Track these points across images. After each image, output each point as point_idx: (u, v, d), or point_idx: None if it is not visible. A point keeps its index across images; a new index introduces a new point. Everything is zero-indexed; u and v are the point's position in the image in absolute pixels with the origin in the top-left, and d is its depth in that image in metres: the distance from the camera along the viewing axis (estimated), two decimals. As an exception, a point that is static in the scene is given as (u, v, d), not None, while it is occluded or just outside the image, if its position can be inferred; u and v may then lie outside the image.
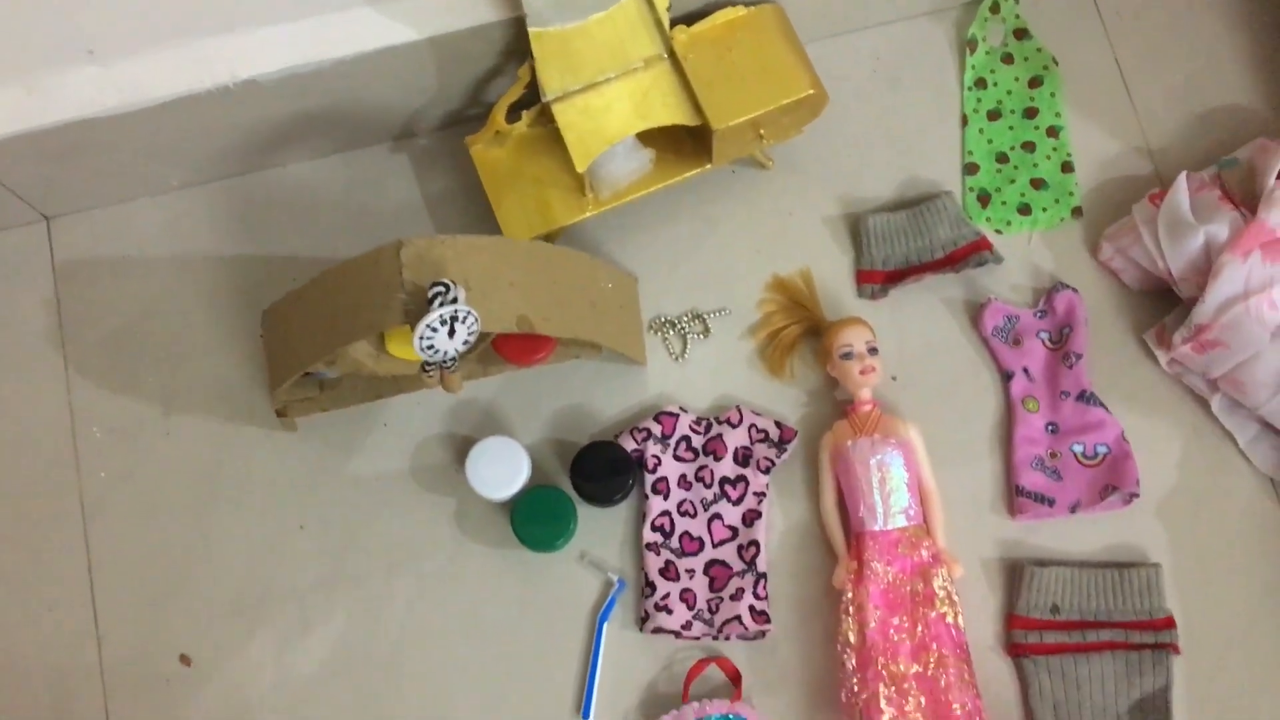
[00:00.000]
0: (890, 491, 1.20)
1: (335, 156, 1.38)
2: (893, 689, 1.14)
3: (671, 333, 1.33)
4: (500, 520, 1.25)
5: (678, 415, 1.28)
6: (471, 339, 1.01)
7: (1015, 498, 1.24)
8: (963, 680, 1.16)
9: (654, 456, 1.27)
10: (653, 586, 1.23)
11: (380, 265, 1.03)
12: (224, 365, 1.32)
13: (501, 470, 1.23)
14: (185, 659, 1.23)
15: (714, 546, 1.25)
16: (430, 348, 1.00)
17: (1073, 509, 1.23)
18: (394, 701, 1.21)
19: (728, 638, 1.22)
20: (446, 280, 0.99)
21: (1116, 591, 1.21)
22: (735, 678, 1.21)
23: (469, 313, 0.99)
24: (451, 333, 1.00)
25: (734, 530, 1.25)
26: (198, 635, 1.24)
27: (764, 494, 1.26)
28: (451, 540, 1.27)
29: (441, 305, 0.98)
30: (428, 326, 0.98)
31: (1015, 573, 1.22)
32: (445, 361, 1.05)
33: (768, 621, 1.20)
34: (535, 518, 1.23)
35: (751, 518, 1.25)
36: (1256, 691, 1.19)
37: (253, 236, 1.36)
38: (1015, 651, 1.20)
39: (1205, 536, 1.24)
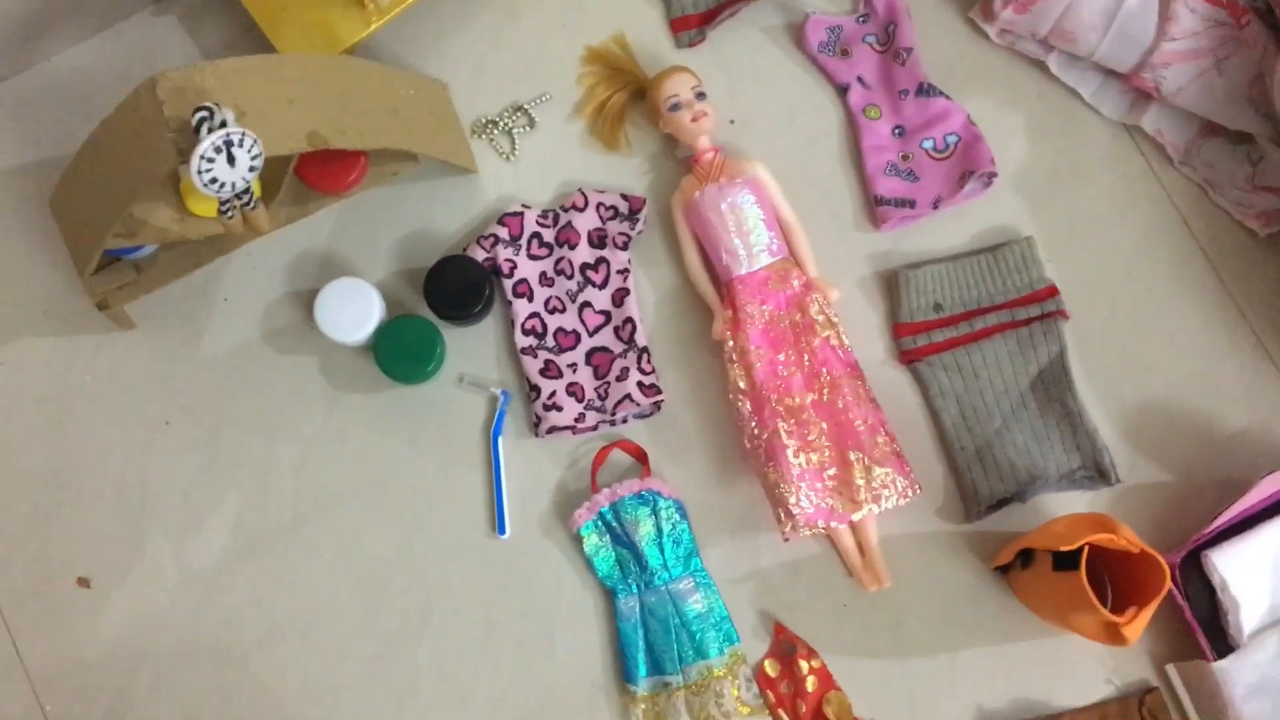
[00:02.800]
0: (748, 232, 1.14)
1: (98, 37, 1.24)
2: (792, 422, 1.09)
3: (496, 132, 1.23)
4: (368, 364, 1.16)
5: (522, 213, 1.20)
6: (256, 164, 0.91)
7: (876, 208, 1.18)
8: (859, 397, 1.12)
9: (507, 260, 1.19)
10: (537, 389, 1.16)
11: (140, 109, 0.92)
12: (40, 280, 1.19)
13: (352, 312, 1.14)
14: (83, 581, 1.16)
15: (590, 335, 1.18)
16: (214, 181, 0.91)
17: (935, 205, 1.17)
18: (307, 567, 1.14)
19: (624, 420, 1.16)
20: (208, 104, 0.89)
21: (994, 274, 1.16)
22: (641, 456, 1.16)
23: (243, 134, 0.89)
24: (231, 160, 0.90)
25: (606, 314, 1.18)
26: (89, 556, 1.15)
27: (627, 270, 1.18)
28: (324, 396, 1.19)
29: (210, 131, 0.88)
30: (201, 158, 0.88)
31: (892, 282, 1.17)
32: (241, 196, 0.96)
33: (659, 393, 1.14)
34: (399, 351, 1.15)
35: (621, 296, 1.18)
36: (1149, 335, 1.15)
37: (36, 139, 1.22)
38: (908, 358, 1.15)
39: (1070, 197, 1.19)
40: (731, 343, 1.12)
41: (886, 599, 1.11)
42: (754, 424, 1.10)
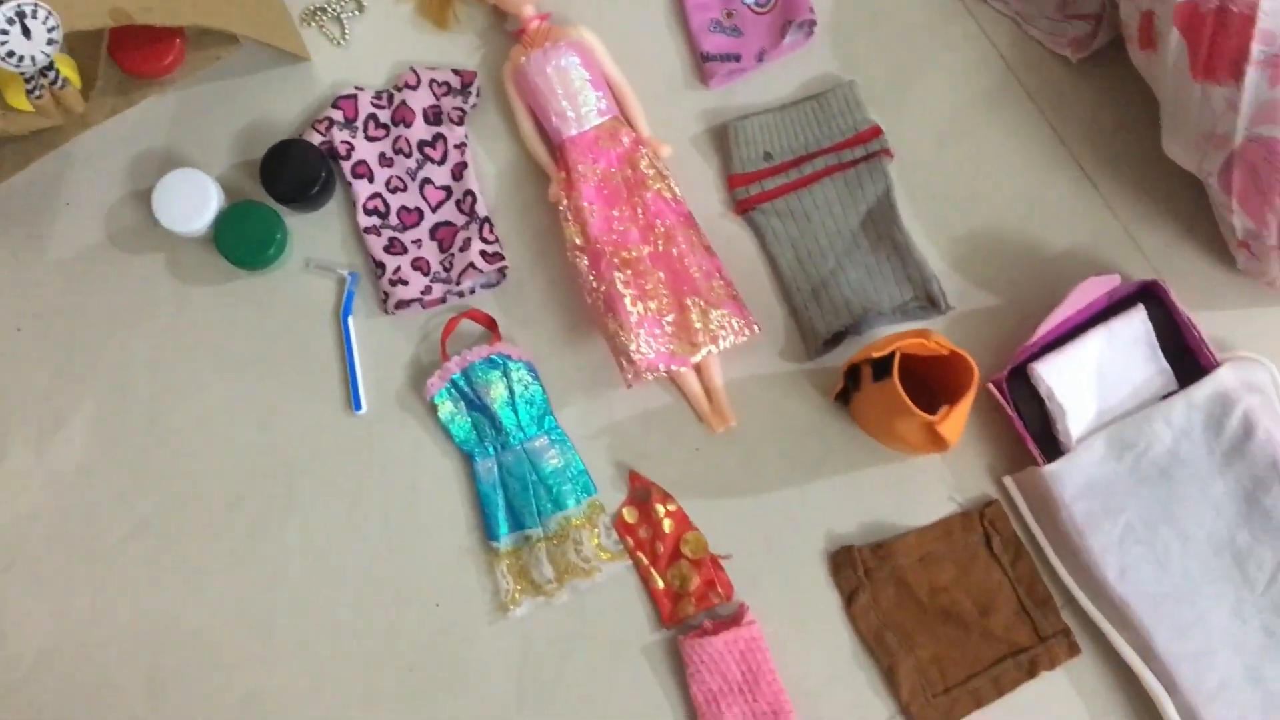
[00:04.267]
0: (575, 94, 1.14)
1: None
2: (628, 273, 1.10)
3: (325, 18, 1.22)
4: (215, 257, 1.15)
5: (356, 95, 1.19)
6: (55, 35, 0.90)
7: (703, 65, 1.19)
8: (693, 245, 1.13)
9: (344, 143, 1.18)
10: (382, 266, 1.16)
11: (-70, -8, 0.92)
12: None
13: (190, 202, 1.13)
14: (-55, 491, 1.17)
15: (433, 211, 1.19)
16: (11, 55, 0.90)
17: (760, 57, 1.18)
18: (169, 460, 1.14)
19: (472, 290, 1.17)
20: (-3, -23, 0.89)
21: (819, 120, 1.18)
22: (490, 324, 1.16)
23: (36, 5, 0.89)
24: (26, 32, 0.89)
25: (447, 189, 1.19)
26: (-50, 467, 1.17)
27: (464, 144, 1.18)
28: (173, 292, 1.18)
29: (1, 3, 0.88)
30: (-9, 30, 0.89)
31: (722, 136, 1.18)
32: (46, 74, 0.95)
33: (502, 260, 1.15)
34: (240, 237, 1.14)
35: (460, 170, 1.18)
36: (973, 167, 1.17)
37: None
38: (742, 208, 1.17)
39: (889, 41, 1.20)
40: (566, 202, 1.13)
41: (736, 440, 1.14)
42: (592, 278, 1.11)
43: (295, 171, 1.15)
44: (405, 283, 1.15)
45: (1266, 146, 0.96)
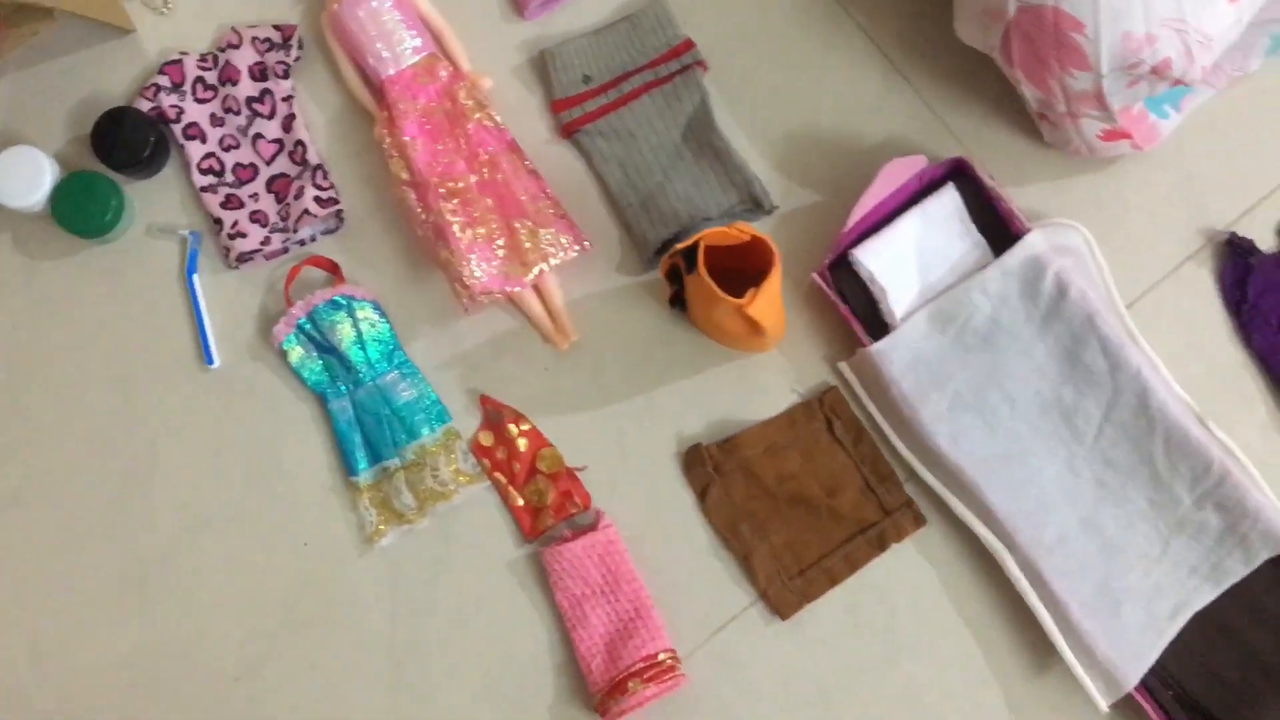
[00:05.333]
0: (389, 34, 1.15)
1: None
2: (455, 202, 1.12)
3: (146, -12, 1.26)
4: (58, 231, 1.17)
5: (181, 60, 1.20)
6: None
7: (517, -3, 1.23)
8: (518, 170, 1.15)
9: (173, 107, 1.19)
10: (220, 222, 1.17)
11: None
12: None
13: (23, 177, 1.14)
14: None
15: (267, 164, 1.19)
16: None
17: (571, -15, 1.22)
18: (32, 431, 1.15)
19: (313, 238, 1.18)
20: None
21: (633, 38, 1.19)
22: (332, 268, 1.18)
23: None
24: None
25: (279, 142, 1.20)
26: None
27: (292, 96, 1.19)
28: (21, 269, 1.18)
29: None
30: None
31: (542, 64, 1.21)
32: None
33: (337, 204, 1.16)
34: (76, 207, 1.14)
35: (289, 122, 1.19)
36: (786, 71, 1.20)
37: None
38: (567, 131, 1.18)
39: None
40: (389, 139, 1.15)
41: (584, 355, 1.16)
42: (420, 210, 1.13)
43: (126, 139, 1.16)
44: (244, 236, 1.16)
45: (1036, 14, 0.99)
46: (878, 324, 1.13)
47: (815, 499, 1.12)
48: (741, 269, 1.05)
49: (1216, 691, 1.04)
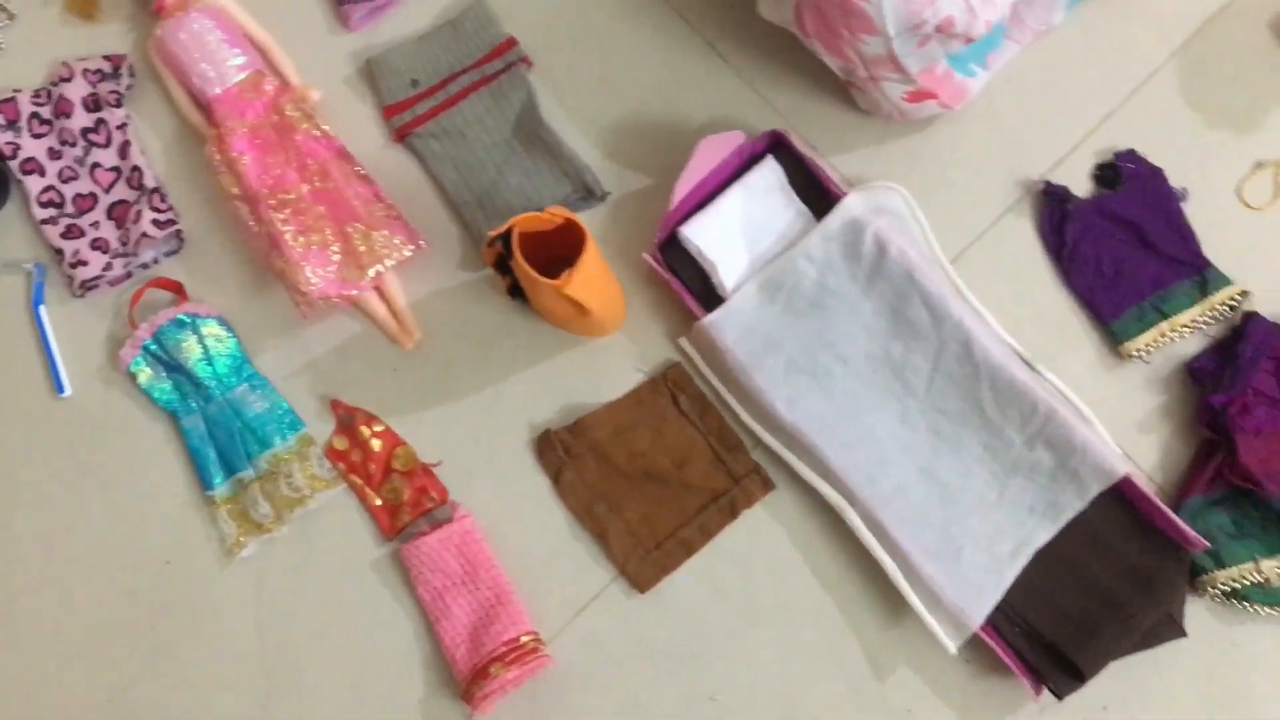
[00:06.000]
0: (212, 54, 1.17)
1: None
2: (287, 212, 1.13)
3: (-27, 30, 1.27)
4: (-98, 274, 1.19)
5: (14, 98, 1.20)
6: None
7: (339, 9, 1.23)
8: (349, 175, 1.16)
9: (9, 144, 1.19)
10: (61, 252, 1.18)
11: None
12: None
13: None
14: None
15: (106, 192, 1.20)
16: None
17: (393, -7, 1.25)
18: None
19: (155, 260, 1.19)
20: None
21: (456, 40, 1.22)
22: (176, 288, 1.18)
23: None
24: None
25: (116, 169, 1.20)
26: None
27: (125, 124, 1.20)
28: None
29: None
30: None
31: (370, 72, 1.24)
32: None
33: (174, 225, 1.17)
34: (-86, 248, 1.18)
35: (125, 149, 1.20)
36: (610, 62, 1.22)
37: None
38: (399, 135, 1.20)
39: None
40: (219, 157, 1.16)
41: (432, 352, 1.18)
42: (253, 223, 1.15)
43: (-39, 178, 1.17)
44: (85, 263, 1.17)
45: (821, -19, 1.02)
46: (713, 298, 1.15)
47: (666, 473, 1.14)
48: (567, 254, 1.07)
49: (1060, 623, 1.07)
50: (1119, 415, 1.13)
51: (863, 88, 1.13)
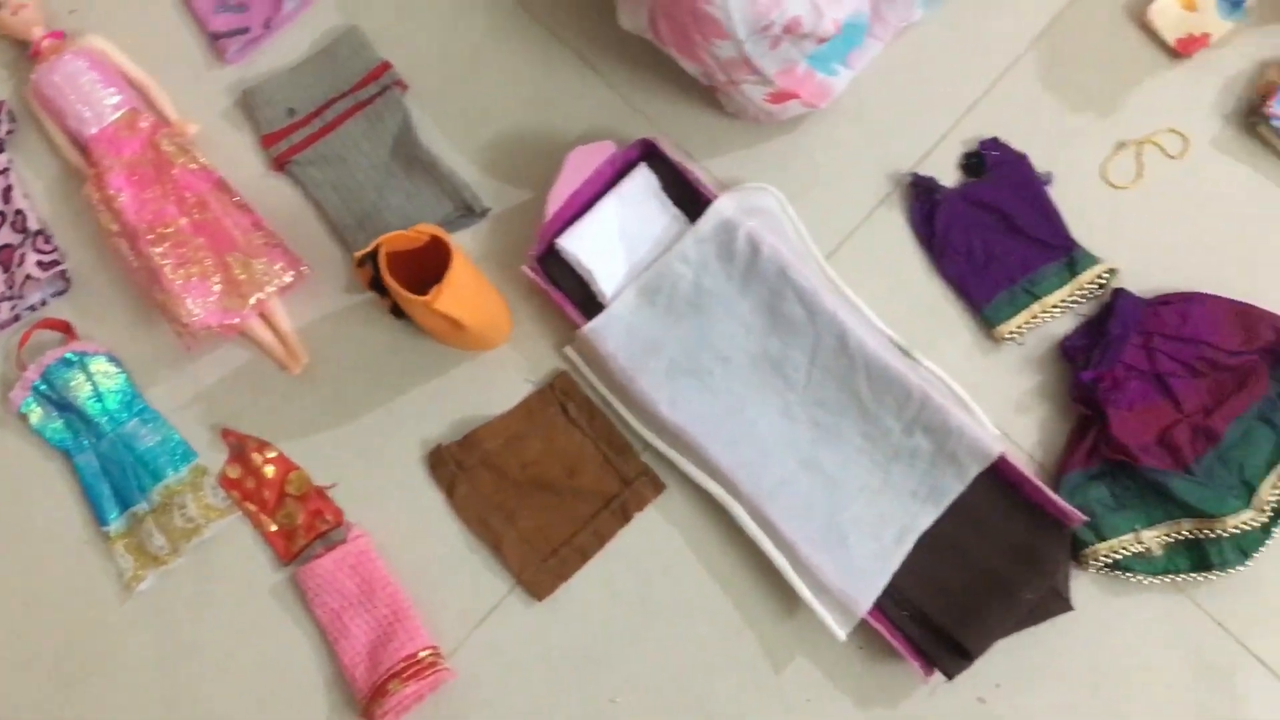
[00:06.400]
0: (87, 95, 1.17)
1: None
2: (166, 245, 1.13)
3: None
4: None
5: (-107, 148, 1.24)
6: None
7: (215, 44, 1.25)
8: (227, 206, 1.17)
9: (-110, 194, 1.23)
10: (-54, 300, 1.21)
11: None
12: None
13: None
14: None
15: (-10, 240, 1.23)
16: None
17: (267, 25, 1.24)
18: None
19: (43, 302, 1.19)
20: None
21: (331, 68, 1.23)
22: (63, 327, 1.19)
23: None
24: None
25: (1, 214, 1.24)
26: None
27: (7, 168, 1.21)
28: None
29: None
30: None
31: (247, 103, 1.26)
32: None
33: (59, 266, 1.17)
34: None
35: (8, 194, 1.20)
36: (484, 79, 1.24)
37: None
38: (279, 164, 1.21)
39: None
40: (96, 195, 1.17)
41: (322, 376, 1.18)
42: (133, 258, 1.16)
43: None
44: (-31, 309, 1.18)
45: (670, -10, 1.04)
46: (595, 306, 1.17)
47: (558, 481, 1.15)
48: (440, 271, 1.08)
49: (946, 604, 1.08)
50: (997, 397, 1.15)
51: (725, 92, 1.15)
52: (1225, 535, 1.08)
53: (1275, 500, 1.10)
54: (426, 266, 1.07)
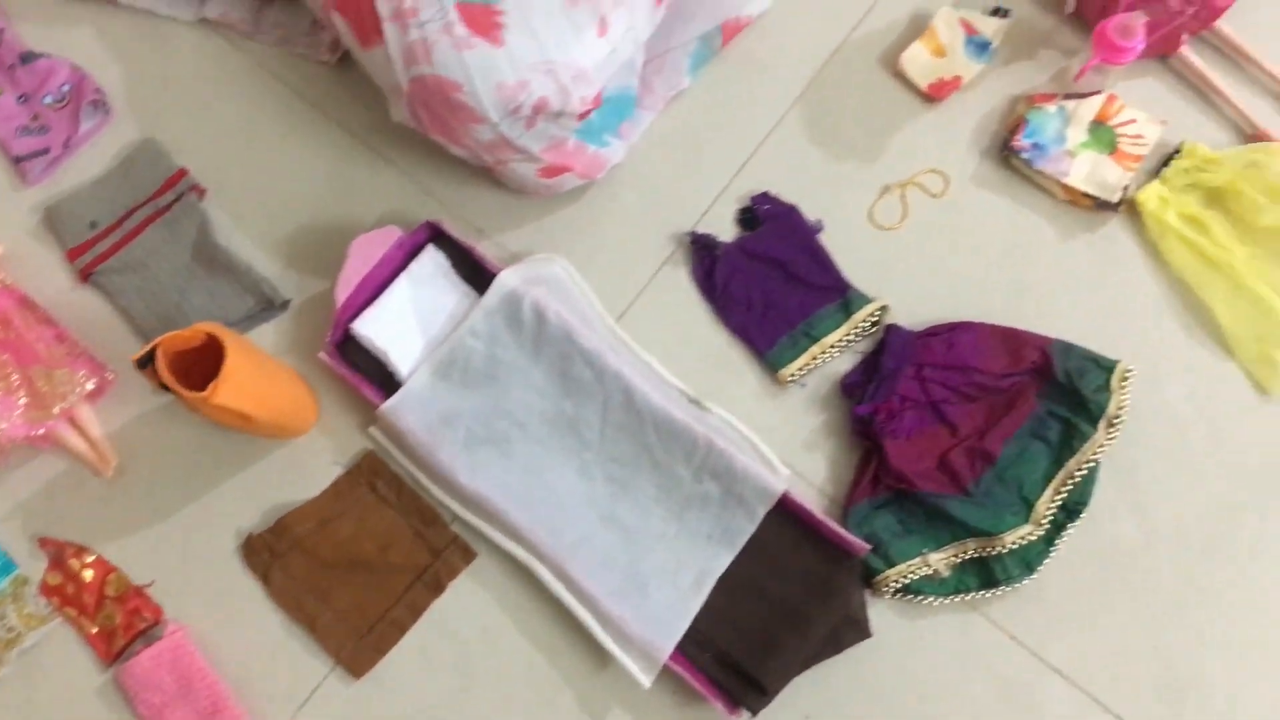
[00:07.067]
0: (-113, 225, 1.24)
1: None
2: (-29, 365, 1.19)
3: None
4: None
5: None
6: None
7: (18, 166, 1.29)
8: (29, 321, 1.20)
9: None
10: None
11: None
12: None
13: None
14: None
15: None
16: None
17: (67, 144, 1.28)
18: None
19: None
20: None
21: (128, 180, 1.27)
22: (-121, 453, 1.24)
23: None
24: None
25: None
26: None
27: None
28: None
29: None
30: None
31: (50, 220, 1.29)
32: None
33: None
34: None
35: None
36: (282, 177, 1.28)
37: None
38: (84, 276, 1.24)
39: (180, 94, 1.31)
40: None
41: (136, 477, 1.20)
42: (-63, 382, 1.19)
43: None
44: None
45: (423, 83, 1.09)
46: (395, 385, 1.20)
47: (372, 558, 1.18)
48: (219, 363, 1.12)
49: (744, 642, 1.11)
50: (787, 437, 1.19)
51: (499, 171, 1.20)
52: (1006, 551, 1.13)
53: (1053, 512, 1.14)
54: (215, 363, 1.11)
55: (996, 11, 1.29)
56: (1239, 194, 1.20)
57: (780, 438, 1.19)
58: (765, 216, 1.25)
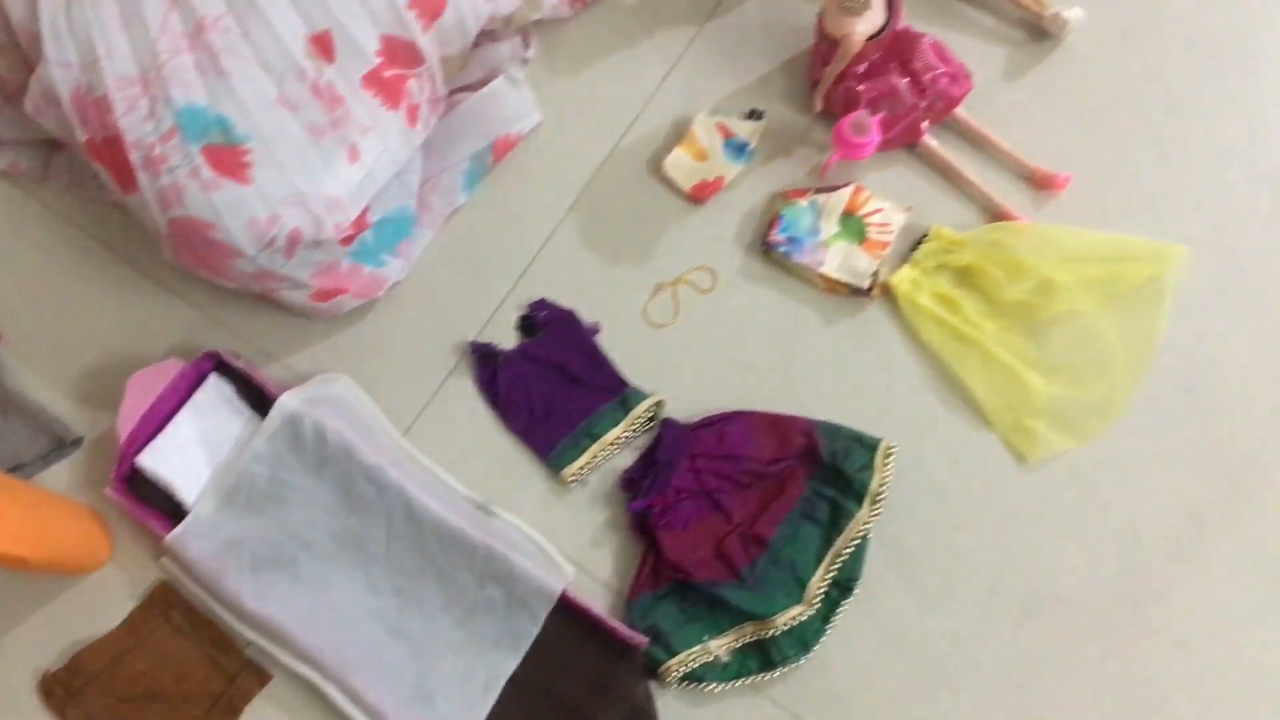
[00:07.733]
0: None
1: None
2: None
3: None
4: None
5: None
6: None
7: None
8: None
9: None
10: None
11: None
12: None
13: None
14: None
15: None
16: None
17: None
18: None
19: None
20: None
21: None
22: None
23: None
24: None
25: None
26: None
27: None
28: None
29: None
30: None
31: None
32: None
33: None
34: None
35: None
36: (64, 320, 1.30)
37: None
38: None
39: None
40: None
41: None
42: None
43: None
44: None
45: (179, 225, 1.12)
46: (184, 515, 1.22)
47: (168, 689, 1.18)
48: None
49: (533, 745, 1.13)
50: (573, 535, 1.22)
51: (272, 298, 1.23)
52: (780, 633, 1.16)
53: (824, 591, 1.18)
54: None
55: (752, 114, 1.36)
56: (984, 272, 1.26)
57: (567, 537, 1.22)
58: (544, 322, 1.29)
